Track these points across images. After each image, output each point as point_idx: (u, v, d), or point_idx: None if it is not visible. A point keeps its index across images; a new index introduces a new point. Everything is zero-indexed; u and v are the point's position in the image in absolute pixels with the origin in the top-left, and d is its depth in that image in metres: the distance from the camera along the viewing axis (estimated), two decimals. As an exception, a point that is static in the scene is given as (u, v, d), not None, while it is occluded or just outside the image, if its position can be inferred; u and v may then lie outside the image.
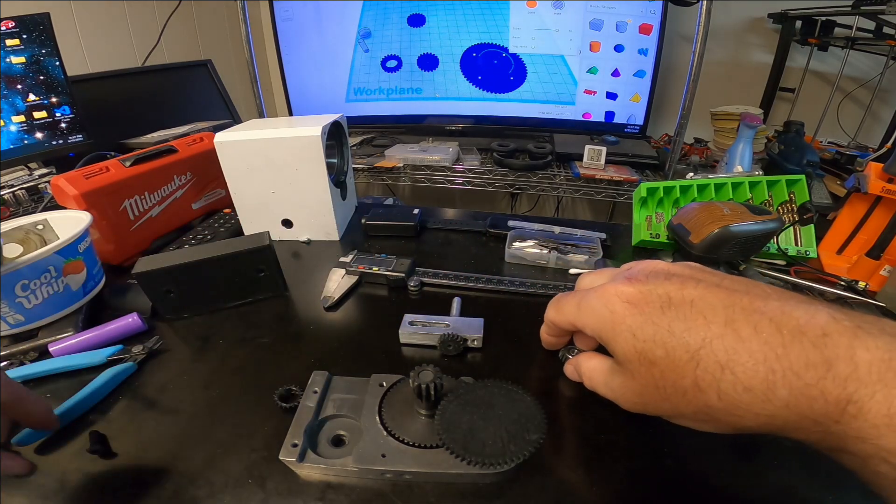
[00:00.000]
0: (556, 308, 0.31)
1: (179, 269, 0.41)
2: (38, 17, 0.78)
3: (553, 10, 1.37)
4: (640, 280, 0.24)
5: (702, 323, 0.21)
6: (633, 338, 0.23)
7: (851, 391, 0.17)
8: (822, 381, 0.17)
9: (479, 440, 0.25)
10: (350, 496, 0.27)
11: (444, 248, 0.58)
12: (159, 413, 0.33)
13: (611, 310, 0.24)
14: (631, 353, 0.23)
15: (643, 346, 0.22)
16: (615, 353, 0.25)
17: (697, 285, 0.22)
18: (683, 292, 0.22)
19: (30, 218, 0.45)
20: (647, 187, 0.56)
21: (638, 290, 0.23)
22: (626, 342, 0.23)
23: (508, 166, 1.34)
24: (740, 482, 0.26)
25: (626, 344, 0.23)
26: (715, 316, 0.21)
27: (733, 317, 0.20)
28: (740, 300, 0.21)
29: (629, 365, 0.24)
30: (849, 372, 0.17)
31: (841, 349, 0.17)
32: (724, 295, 0.21)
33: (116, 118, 1.00)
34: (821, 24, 1.33)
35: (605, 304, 0.24)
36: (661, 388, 0.22)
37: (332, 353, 0.39)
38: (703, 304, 0.21)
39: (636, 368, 0.23)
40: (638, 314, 0.23)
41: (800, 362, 0.18)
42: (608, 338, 0.25)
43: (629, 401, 0.25)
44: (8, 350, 0.38)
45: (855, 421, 0.17)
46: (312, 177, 0.54)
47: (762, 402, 0.18)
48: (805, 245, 0.54)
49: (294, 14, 1.49)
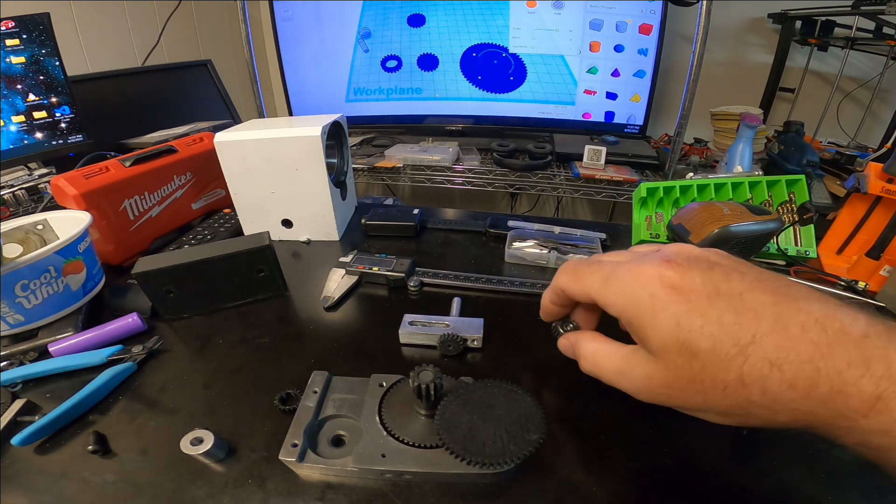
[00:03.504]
0: (573, 276, 0.27)
1: (179, 269, 0.41)
2: (38, 17, 0.78)
3: (553, 11, 1.37)
4: (683, 265, 0.22)
5: (752, 318, 0.20)
6: (676, 327, 0.21)
7: (883, 389, 0.18)
8: (861, 379, 0.18)
9: (479, 440, 0.25)
10: (350, 496, 0.27)
11: (443, 248, 0.58)
12: (159, 413, 0.33)
13: (651, 293, 0.22)
14: (671, 343, 0.21)
15: (687, 337, 0.21)
16: (647, 341, 0.22)
17: (742, 278, 0.22)
18: (730, 284, 0.21)
19: (30, 218, 0.45)
20: (646, 187, 0.56)
21: (683, 277, 0.22)
22: (667, 331, 0.21)
23: (508, 166, 1.34)
24: (740, 482, 0.26)
25: (666, 333, 0.21)
26: (764, 312, 0.20)
27: (781, 314, 0.20)
28: (785, 298, 0.20)
29: (665, 355, 0.22)
30: (883, 371, 0.18)
31: (878, 350, 0.18)
32: (770, 291, 0.21)
33: (116, 118, 1.00)
34: (821, 24, 1.33)
35: (644, 286, 0.22)
36: (698, 381, 0.21)
37: (332, 353, 0.39)
38: (752, 298, 0.21)
39: (673, 359, 0.21)
40: (684, 302, 0.21)
41: (842, 361, 0.18)
42: (642, 323, 0.22)
43: (652, 392, 0.23)
44: (8, 350, 0.38)
45: (881, 416, 0.17)
46: (312, 177, 0.54)
47: (802, 398, 0.19)
48: (805, 245, 0.54)
49: (294, 14, 1.49)
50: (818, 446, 0.29)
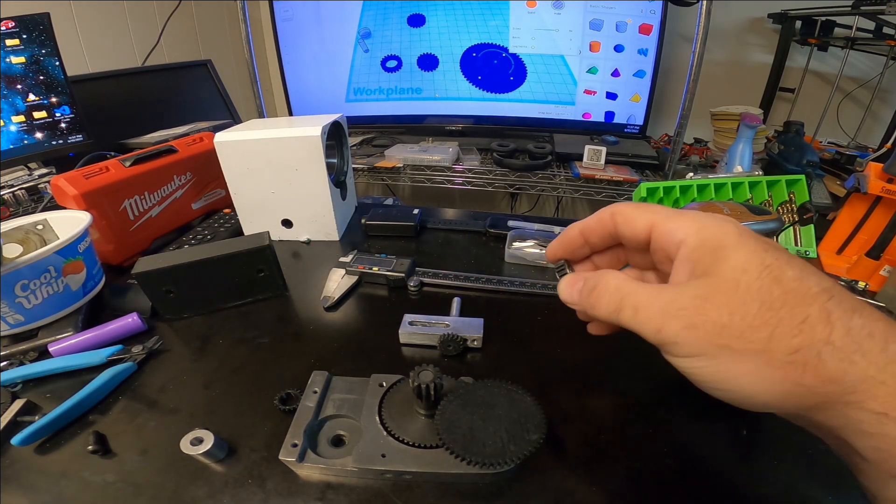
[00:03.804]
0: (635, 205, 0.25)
1: (179, 269, 0.41)
2: (38, 17, 0.78)
3: (553, 11, 1.37)
4: None
5: (827, 277, 0.20)
6: (762, 252, 0.20)
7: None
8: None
9: (479, 440, 0.25)
10: (350, 496, 0.27)
11: (443, 248, 0.58)
12: (159, 413, 0.33)
13: (733, 221, 0.22)
14: (754, 265, 0.20)
15: (772, 262, 0.20)
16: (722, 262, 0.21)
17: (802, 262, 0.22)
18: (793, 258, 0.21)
19: (30, 218, 0.45)
20: (647, 187, 0.56)
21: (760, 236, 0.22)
22: (752, 252, 0.20)
23: (508, 166, 1.34)
24: (740, 482, 0.26)
25: (751, 253, 0.20)
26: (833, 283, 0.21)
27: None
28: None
29: (743, 276, 0.20)
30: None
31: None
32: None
33: (116, 118, 1.00)
34: (821, 24, 1.33)
35: (725, 220, 0.22)
36: (774, 309, 0.19)
37: (332, 353, 0.39)
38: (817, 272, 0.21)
39: (749, 281, 0.20)
40: (765, 241, 0.21)
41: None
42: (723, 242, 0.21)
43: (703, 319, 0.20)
44: (8, 350, 0.38)
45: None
46: (312, 177, 0.54)
47: (880, 351, 0.18)
48: (805, 245, 0.54)
49: (294, 14, 1.49)
50: (818, 446, 0.29)
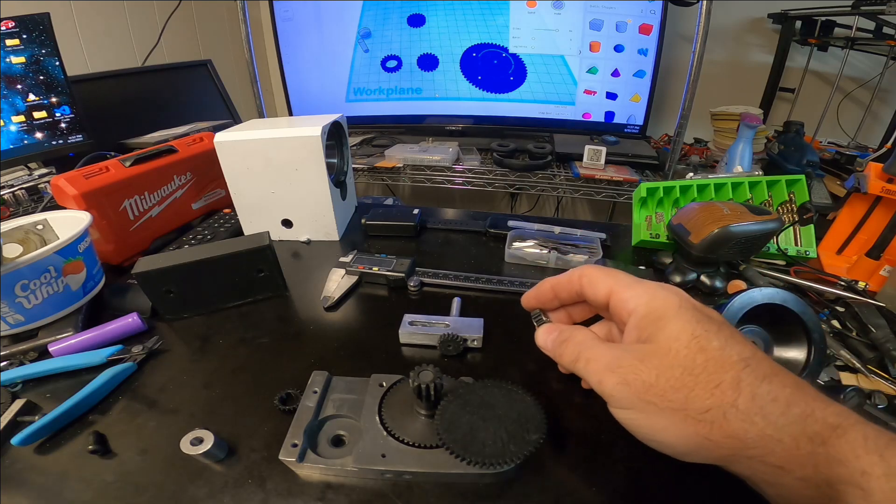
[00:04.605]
0: (604, 270, 0.29)
1: (179, 269, 0.41)
2: (38, 17, 0.78)
3: (553, 11, 1.37)
4: None
5: (751, 346, 0.24)
6: (695, 323, 0.24)
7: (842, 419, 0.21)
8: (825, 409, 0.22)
9: (479, 440, 0.25)
10: (350, 496, 0.27)
11: (443, 248, 0.58)
12: (159, 413, 0.33)
13: (677, 294, 0.25)
14: (685, 335, 0.23)
15: (702, 333, 0.23)
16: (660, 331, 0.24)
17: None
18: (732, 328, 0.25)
19: (30, 218, 0.45)
20: (646, 187, 0.56)
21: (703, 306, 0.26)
22: (686, 323, 0.24)
23: (508, 166, 1.34)
24: (740, 482, 0.26)
25: (685, 324, 0.24)
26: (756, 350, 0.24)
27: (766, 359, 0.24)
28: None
29: (674, 343, 0.23)
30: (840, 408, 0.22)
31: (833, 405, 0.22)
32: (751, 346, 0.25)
33: (116, 118, 1.00)
34: (821, 24, 1.33)
35: (675, 293, 0.26)
36: (694, 375, 0.22)
37: (332, 353, 0.39)
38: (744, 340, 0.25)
39: (678, 349, 0.23)
40: (703, 317, 0.24)
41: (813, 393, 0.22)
42: (663, 314, 0.24)
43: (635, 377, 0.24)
44: (8, 350, 0.38)
45: (839, 440, 0.20)
46: (312, 177, 0.54)
47: (780, 413, 0.21)
48: (805, 245, 0.54)
49: (294, 14, 1.49)
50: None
